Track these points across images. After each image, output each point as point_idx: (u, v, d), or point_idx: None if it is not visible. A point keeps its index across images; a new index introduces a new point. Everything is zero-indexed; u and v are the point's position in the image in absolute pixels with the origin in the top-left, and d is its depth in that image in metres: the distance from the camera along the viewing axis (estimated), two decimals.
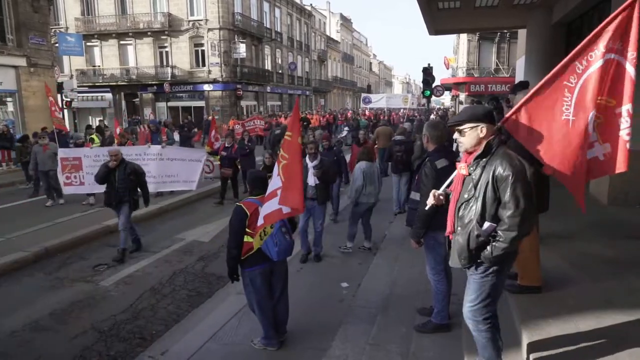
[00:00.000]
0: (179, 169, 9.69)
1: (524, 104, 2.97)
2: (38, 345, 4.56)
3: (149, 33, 31.65)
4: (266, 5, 38.56)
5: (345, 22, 65.29)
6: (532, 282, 3.97)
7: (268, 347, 4.22)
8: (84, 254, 7.25)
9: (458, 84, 31.72)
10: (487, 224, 2.69)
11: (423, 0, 9.81)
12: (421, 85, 21.20)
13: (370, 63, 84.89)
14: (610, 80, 2.85)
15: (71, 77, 29.93)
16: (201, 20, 31.31)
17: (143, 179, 7.21)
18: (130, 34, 31.93)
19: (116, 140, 12.15)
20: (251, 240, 3.97)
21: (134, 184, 7.04)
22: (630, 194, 6.69)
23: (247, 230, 3.96)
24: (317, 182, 6.23)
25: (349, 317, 4.72)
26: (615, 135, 2.91)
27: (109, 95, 32.86)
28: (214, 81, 31.69)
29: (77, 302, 5.50)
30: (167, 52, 32.27)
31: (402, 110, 24.82)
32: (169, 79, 31.08)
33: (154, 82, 31.56)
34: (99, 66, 32.98)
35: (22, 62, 17.50)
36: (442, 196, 3.08)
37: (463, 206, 2.83)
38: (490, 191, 2.67)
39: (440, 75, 35.09)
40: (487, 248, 2.70)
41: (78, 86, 27.00)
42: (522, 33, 13.89)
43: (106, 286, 5.99)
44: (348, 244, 6.89)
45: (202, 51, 31.86)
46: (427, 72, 19.32)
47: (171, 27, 31.37)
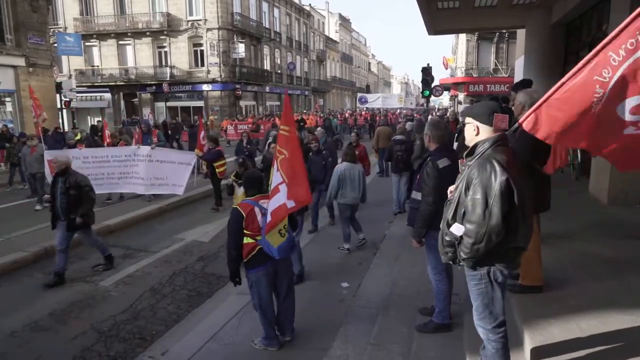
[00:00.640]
0: (168, 172, 9.46)
1: (543, 103, 2.76)
2: (38, 346, 4.54)
3: (147, 33, 31.63)
4: (265, 5, 38.56)
5: (344, 22, 65.32)
6: (534, 281, 3.97)
7: (269, 347, 4.21)
8: (83, 254, 7.23)
9: (457, 84, 31.74)
10: (454, 226, 2.66)
11: (422, 0, 9.81)
12: (420, 85, 21.21)
13: (369, 63, 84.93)
14: None
15: (70, 77, 29.91)
16: (200, 20, 31.30)
17: (86, 192, 6.05)
18: (129, 34, 31.90)
19: (107, 142, 11.74)
20: (251, 241, 3.96)
21: (75, 199, 5.95)
22: (630, 194, 6.70)
23: (245, 231, 3.94)
24: None
25: (349, 317, 4.71)
26: None
27: (107, 95, 32.77)
28: (212, 81, 31.68)
29: (76, 303, 5.48)
30: (166, 52, 32.25)
31: (398, 110, 24.83)
32: (168, 79, 31.07)
33: (152, 82, 31.55)
34: (97, 66, 32.96)
35: (20, 62, 17.49)
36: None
37: (447, 204, 2.84)
38: (463, 193, 2.63)
39: (439, 76, 35.07)
40: (457, 250, 2.69)
41: (77, 86, 26.97)
42: (521, 33, 13.91)
43: (106, 286, 5.98)
44: (345, 245, 6.90)
45: (201, 51, 31.85)
46: (426, 72, 19.35)
47: (170, 27, 31.35)
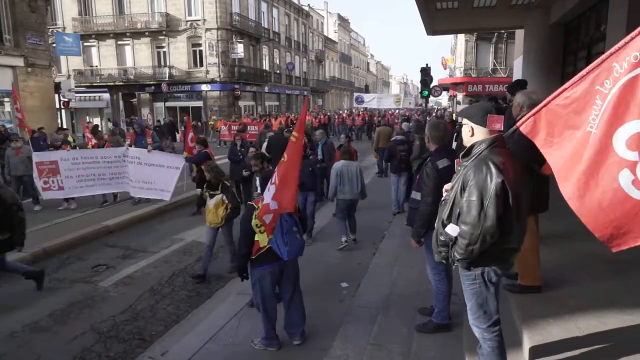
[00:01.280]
0: (157, 176, 9.07)
1: (544, 106, 2.58)
2: (37, 346, 4.54)
3: (146, 33, 31.56)
4: (264, 6, 38.54)
5: (343, 22, 65.33)
6: (533, 281, 3.98)
7: (268, 347, 4.21)
8: (82, 254, 7.23)
9: (456, 84, 31.75)
10: (449, 227, 2.67)
11: (421, 1, 9.83)
12: (419, 85, 21.22)
13: (368, 63, 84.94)
14: None
15: (69, 77, 29.85)
16: (199, 20, 31.26)
17: (13, 211, 5.34)
18: (128, 34, 31.84)
19: (90, 144, 11.01)
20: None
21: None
22: None
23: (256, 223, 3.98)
24: None
25: (349, 317, 4.72)
26: None
27: (106, 96, 32.75)
28: (211, 81, 31.63)
29: (76, 303, 5.49)
30: (164, 52, 32.19)
31: (397, 111, 24.64)
32: (167, 79, 31.02)
33: (151, 82, 31.49)
34: (96, 66, 32.88)
35: (19, 62, 17.45)
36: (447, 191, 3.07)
37: (442, 203, 2.84)
38: (458, 194, 2.64)
39: (438, 76, 35.05)
40: (451, 251, 2.70)
41: (75, 86, 26.90)
42: (519, 33, 13.94)
43: (105, 287, 5.98)
44: (342, 239, 7.01)
45: (200, 51, 31.80)
46: (425, 72, 19.35)
47: (169, 27, 31.30)
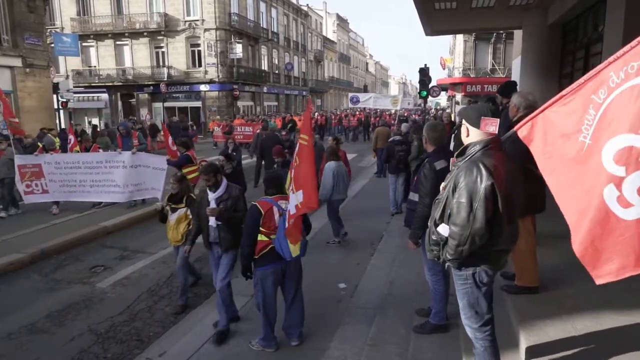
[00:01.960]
0: (145, 177, 8.83)
1: (541, 112, 2.52)
2: (35, 348, 4.54)
3: (145, 33, 31.53)
4: (262, 6, 38.53)
5: (342, 22, 65.34)
6: (530, 282, 3.99)
7: (266, 348, 4.21)
8: (80, 255, 7.22)
9: (454, 84, 31.77)
10: (441, 227, 2.71)
11: (420, 1, 9.83)
12: (418, 85, 21.23)
13: (367, 63, 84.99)
14: None
15: (67, 77, 29.79)
16: (197, 20, 31.24)
17: None
18: (127, 34, 31.81)
19: (77, 148, 10.53)
20: (265, 239, 3.99)
21: None
22: None
23: (261, 229, 3.97)
24: (219, 222, 4.50)
25: (347, 318, 4.72)
26: None
27: (105, 96, 32.69)
28: (210, 81, 31.60)
29: (73, 304, 5.48)
30: (163, 52, 32.16)
31: (394, 110, 24.21)
32: (166, 79, 30.99)
33: (150, 83, 31.45)
34: (95, 66, 32.85)
35: (17, 62, 17.44)
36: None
37: (435, 203, 2.87)
38: (450, 194, 2.67)
39: (437, 76, 35.04)
40: (443, 250, 2.73)
41: (74, 87, 26.83)
42: (518, 34, 13.94)
43: (103, 288, 5.97)
44: (335, 239, 7.20)
45: (199, 51, 31.77)
46: (424, 72, 19.38)
47: (167, 28, 31.27)
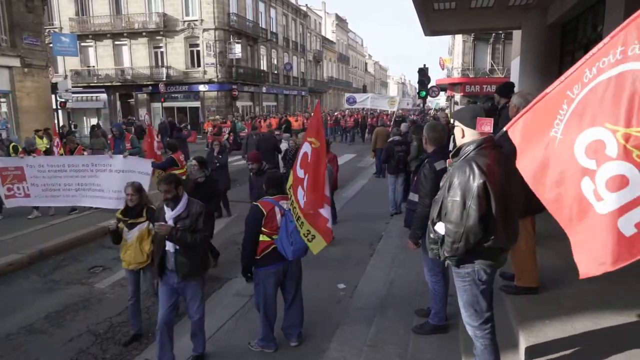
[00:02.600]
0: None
1: (529, 109, 2.59)
2: (33, 349, 4.53)
3: (143, 33, 31.51)
4: (261, 6, 38.52)
5: (341, 22, 65.34)
6: (529, 283, 3.99)
7: (265, 349, 4.21)
8: (79, 255, 7.21)
9: (453, 84, 31.81)
10: (438, 225, 2.79)
11: (419, 1, 9.83)
12: (417, 85, 21.24)
13: (366, 63, 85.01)
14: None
15: (65, 77, 29.74)
16: (196, 20, 31.22)
17: None
18: (125, 34, 31.79)
19: (59, 149, 10.33)
20: (267, 239, 3.98)
21: None
22: None
23: (263, 229, 3.97)
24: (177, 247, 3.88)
25: (346, 319, 4.71)
26: None
27: (103, 96, 32.66)
28: (209, 82, 31.59)
29: (72, 305, 5.46)
30: (162, 52, 32.15)
31: (390, 112, 23.98)
32: (164, 79, 30.98)
33: (149, 83, 31.44)
34: (93, 66, 32.82)
35: (15, 62, 17.39)
36: None
37: (434, 203, 2.93)
38: (446, 193, 2.73)
39: (436, 76, 35.02)
40: (441, 248, 2.80)
41: (72, 87, 26.79)
42: (517, 34, 13.94)
43: (101, 288, 5.96)
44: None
45: (198, 51, 31.76)
46: (423, 72, 19.40)
47: (166, 28, 31.25)
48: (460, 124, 2.84)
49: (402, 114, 27.58)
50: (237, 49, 31.65)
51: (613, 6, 6.76)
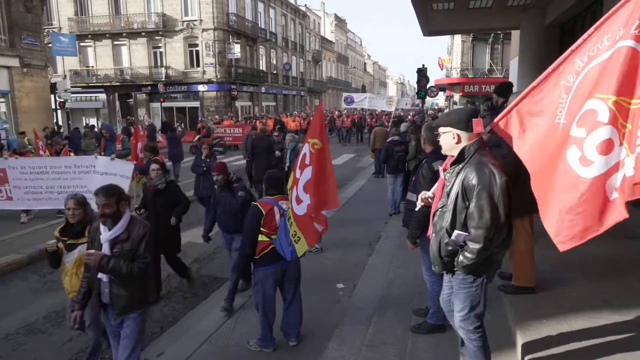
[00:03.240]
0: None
1: (516, 105, 2.70)
2: (32, 349, 4.53)
3: (143, 33, 31.50)
4: (260, 6, 38.53)
5: (340, 22, 65.35)
6: (527, 282, 4.00)
7: (264, 348, 4.21)
8: None
9: (452, 84, 31.84)
10: (456, 233, 2.67)
11: (417, 2, 9.85)
12: (416, 85, 21.25)
13: (365, 64, 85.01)
14: (626, 74, 2.16)
15: (64, 77, 29.73)
16: (195, 20, 31.22)
17: None
18: (124, 34, 31.78)
19: (45, 151, 10.09)
20: (266, 239, 3.99)
21: None
22: None
23: (262, 229, 3.98)
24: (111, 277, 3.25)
25: (344, 318, 4.72)
26: None
27: (102, 96, 32.69)
28: (208, 82, 31.59)
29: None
30: (161, 52, 32.14)
31: (387, 112, 23.80)
32: (163, 79, 30.97)
33: (148, 83, 31.42)
34: (92, 66, 32.80)
35: (14, 62, 17.40)
36: (430, 198, 3.08)
37: (438, 212, 2.83)
38: (460, 200, 2.65)
39: (435, 76, 35.04)
40: (459, 257, 2.69)
41: (72, 87, 26.83)
42: (515, 34, 13.97)
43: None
44: (316, 245, 6.85)
45: (197, 51, 31.76)
46: (422, 72, 19.41)
47: (165, 28, 31.25)
48: (453, 129, 2.75)
49: (401, 114, 27.58)
50: (236, 49, 31.66)
51: (610, 7, 6.78)
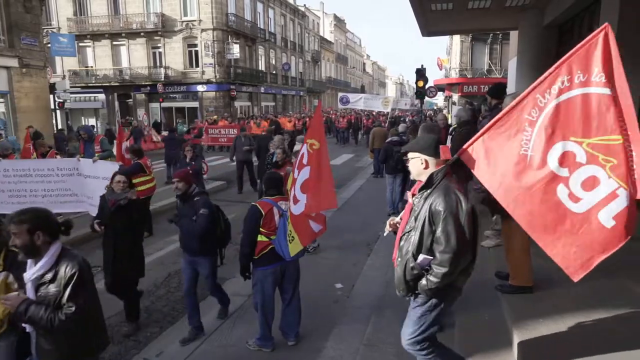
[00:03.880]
0: (94, 188, 7.53)
1: (481, 135, 2.81)
2: None
3: (142, 33, 31.50)
4: (260, 6, 38.53)
5: (339, 22, 65.38)
6: (524, 282, 4.02)
7: (263, 348, 4.24)
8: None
9: (451, 84, 31.85)
10: (421, 257, 2.71)
11: (416, 2, 9.86)
12: (415, 86, 21.26)
13: (364, 64, 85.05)
14: (597, 117, 2.47)
15: (64, 77, 29.72)
16: (194, 20, 31.22)
17: None
18: (123, 35, 31.77)
19: (34, 155, 9.72)
20: (265, 239, 4.01)
21: None
22: None
23: (261, 229, 4.00)
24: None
25: (343, 318, 4.75)
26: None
27: (102, 96, 32.67)
28: (207, 82, 31.59)
29: None
30: (160, 52, 32.13)
31: (385, 112, 23.62)
32: (163, 79, 30.96)
33: (147, 83, 31.41)
34: (91, 67, 32.79)
35: (14, 62, 17.37)
36: (397, 223, 3.12)
37: (405, 237, 2.86)
38: (427, 224, 2.70)
39: (434, 76, 35.13)
40: (422, 281, 2.72)
41: (71, 87, 26.78)
42: (514, 34, 13.98)
43: (100, 288, 5.94)
44: (313, 244, 6.92)
45: (196, 52, 31.76)
46: (421, 73, 19.43)
47: (164, 28, 31.24)
48: (422, 154, 2.82)
49: (398, 115, 27.48)
50: (235, 49, 31.67)
51: (608, 7, 6.81)
